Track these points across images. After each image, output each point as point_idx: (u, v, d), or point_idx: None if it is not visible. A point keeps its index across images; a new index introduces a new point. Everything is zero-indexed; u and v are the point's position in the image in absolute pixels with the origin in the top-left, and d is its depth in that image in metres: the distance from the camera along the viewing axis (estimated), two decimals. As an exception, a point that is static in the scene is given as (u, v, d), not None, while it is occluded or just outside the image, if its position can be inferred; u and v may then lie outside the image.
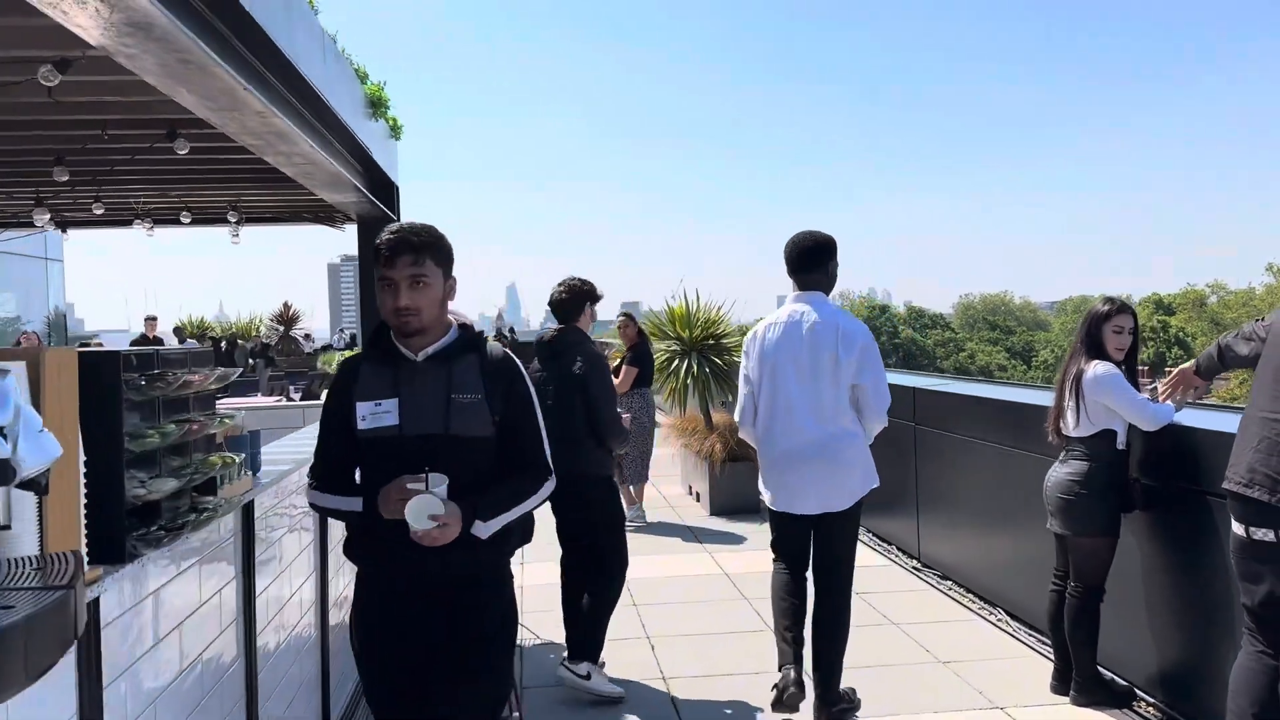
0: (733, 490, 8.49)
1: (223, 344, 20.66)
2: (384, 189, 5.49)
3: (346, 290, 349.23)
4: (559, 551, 4.64)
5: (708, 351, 9.01)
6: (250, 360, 22.02)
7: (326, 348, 28.76)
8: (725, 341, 9.12)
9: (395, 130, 5.72)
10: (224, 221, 5.47)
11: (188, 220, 5.24)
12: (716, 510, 8.50)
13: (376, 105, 4.94)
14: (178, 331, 32.78)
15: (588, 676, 4.31)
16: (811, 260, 3.94)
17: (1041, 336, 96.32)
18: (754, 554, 7.02)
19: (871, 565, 6.70)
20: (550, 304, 4.60)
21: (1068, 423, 4.15)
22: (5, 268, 20.46)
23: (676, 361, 8.97)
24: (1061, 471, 4.14)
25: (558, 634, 4.78)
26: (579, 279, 4.63)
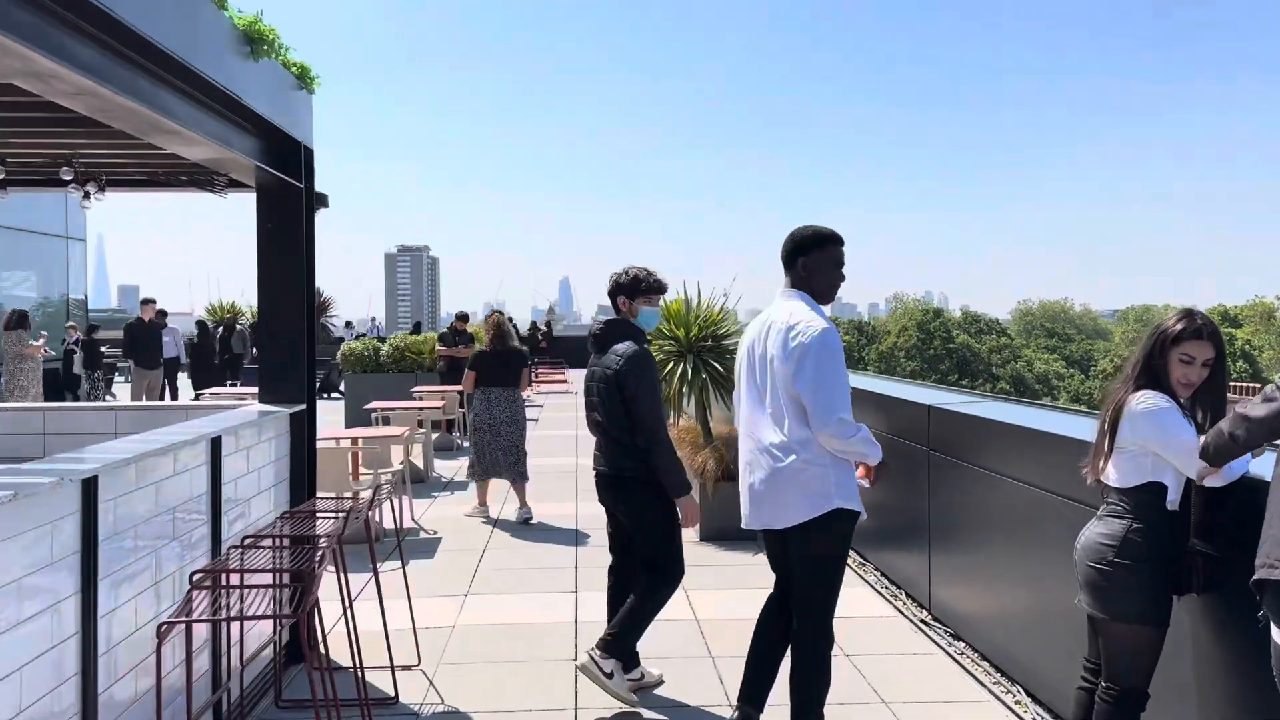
0: (725, 514, 7.44)
1: (219, 329, 20.16)
2: (283, 151, 4.52)
3: (403, 280, 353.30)
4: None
5: (706, 353, 8.00)
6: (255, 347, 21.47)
7: (359, 336, 28.10)
8: (727, 342, 8.09)
9: (305, 80, 4.78)
10: (57, 182, 4.58)
11: (1, 175, 4.33)
12: (706, 535, 7.48)
13: (255, 41, 3.99)
14: (200, 317, 32.49)
15: (610, 675, 4.23)
16: (786, 257, 3.79)
17: (1101, 345, 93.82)
18: (735, 595, 5.99)
19: (873, 615, 5.65)
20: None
21: (1108, 470, 3.09)
22: (21, 246, 20.09)
23: (671, 364, 7.97)
24: (1095, 532, 3.10)
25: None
26: (626, 269, 4.53)
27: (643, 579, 4.37)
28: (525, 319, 43.28)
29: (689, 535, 7.64)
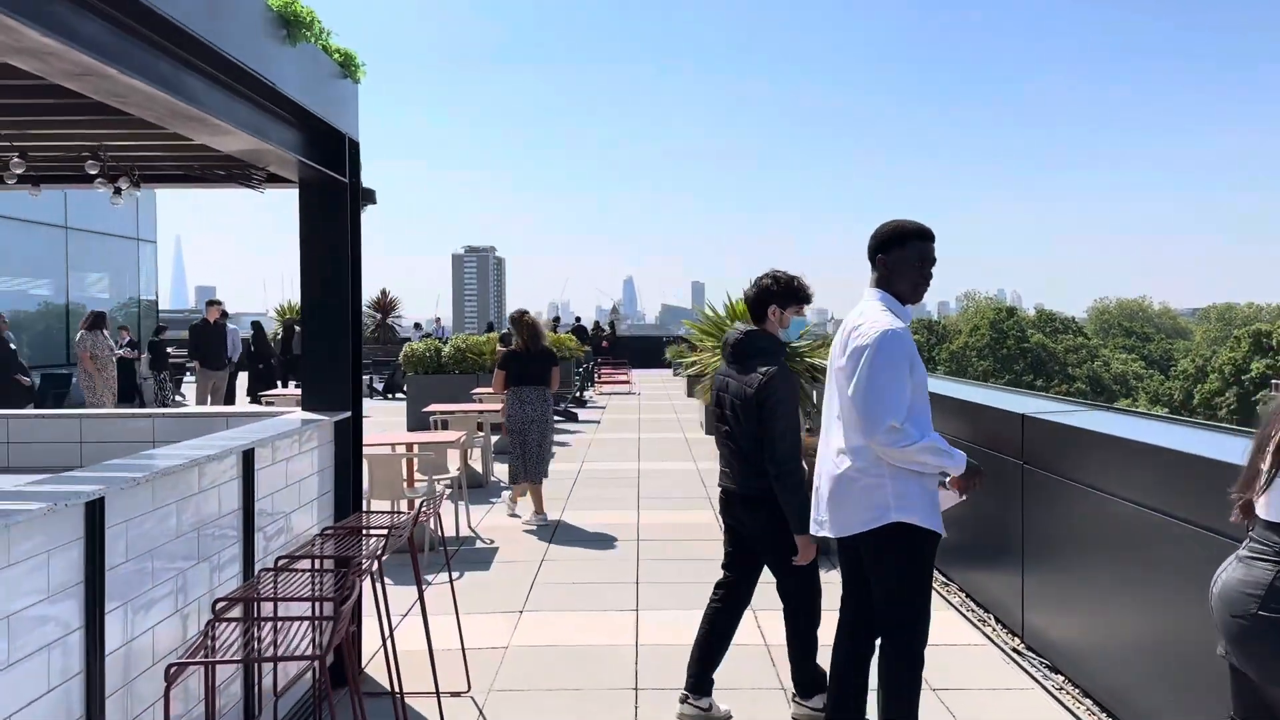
0: (797, 525, 7.05)
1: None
2: (326, 144, 4.24)
3: (470, 280, 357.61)
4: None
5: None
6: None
7: (425, 336, 28.16)
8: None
9: (349, 68, 4.50)
10: (82, 178, 4.34)
11: (20, 170, 4.10)
12: (776, 549, 7.06)
13: (291, 24, 3.71)
14: (276, 316, 32.84)
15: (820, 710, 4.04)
16: (869, 254, 3.61)
17: (1181, 345, 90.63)
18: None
19: (960, 643, 5.18)
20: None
21: (1261, 502, 2.61)
22: (94, 248, 20.46)
23: (737, 367, 7.56)
24: (1237, 576, 2.61)
25: None
26: (774, 274, 4.23)
27: (785, 608, 4.27)
28: (590, 318, 43.16)
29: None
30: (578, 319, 32.69)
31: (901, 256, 3.50)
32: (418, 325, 35.69)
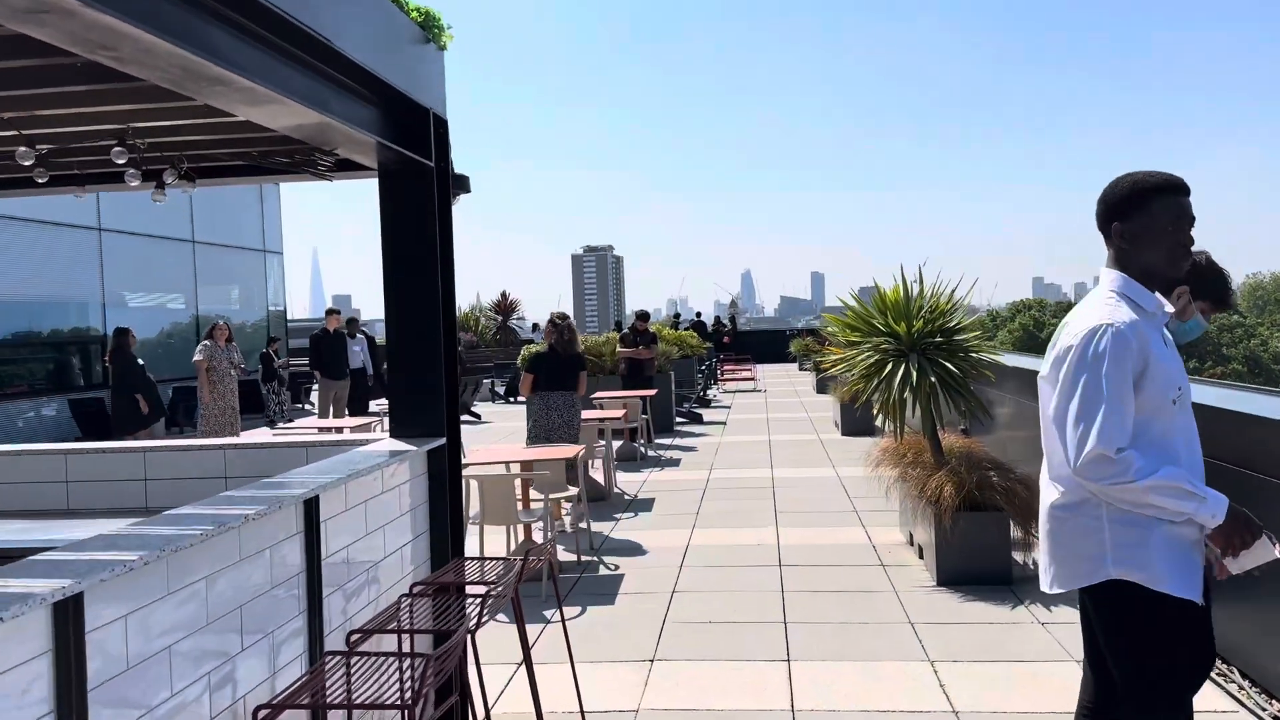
0: (969, 550, 6.01)
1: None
2: (405, 120, 3.51)
3: (589, 280, 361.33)
4: None
5: (934, 352, 6.54)
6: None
7: (528, 342, 27.84)
8: (961, 339, 6.60)
9: (431, 30, 3.77)
10: (111, 175, 3.70)
11: (29, 162, 3.48)
12: (945, 577, 6.03)
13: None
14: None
15: None
16: (1100, 226, 2.73)
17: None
18: (997, 673, 4.55)
19: (1208, 710, 4.09)
20: None
21: None
22: (223, 261, 20.79)
23: (891, 366, 6.56)
24: None
25: None
26: (1203, 253, 3.51)
27: None
28: (709, 314, 42.31)
29: (924, 571, 6.25)
30: (697, 314, 31.88)
31: (1145, 222, 2.62)
32: (536, 326, 35.52)
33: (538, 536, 6.64)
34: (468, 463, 6.71)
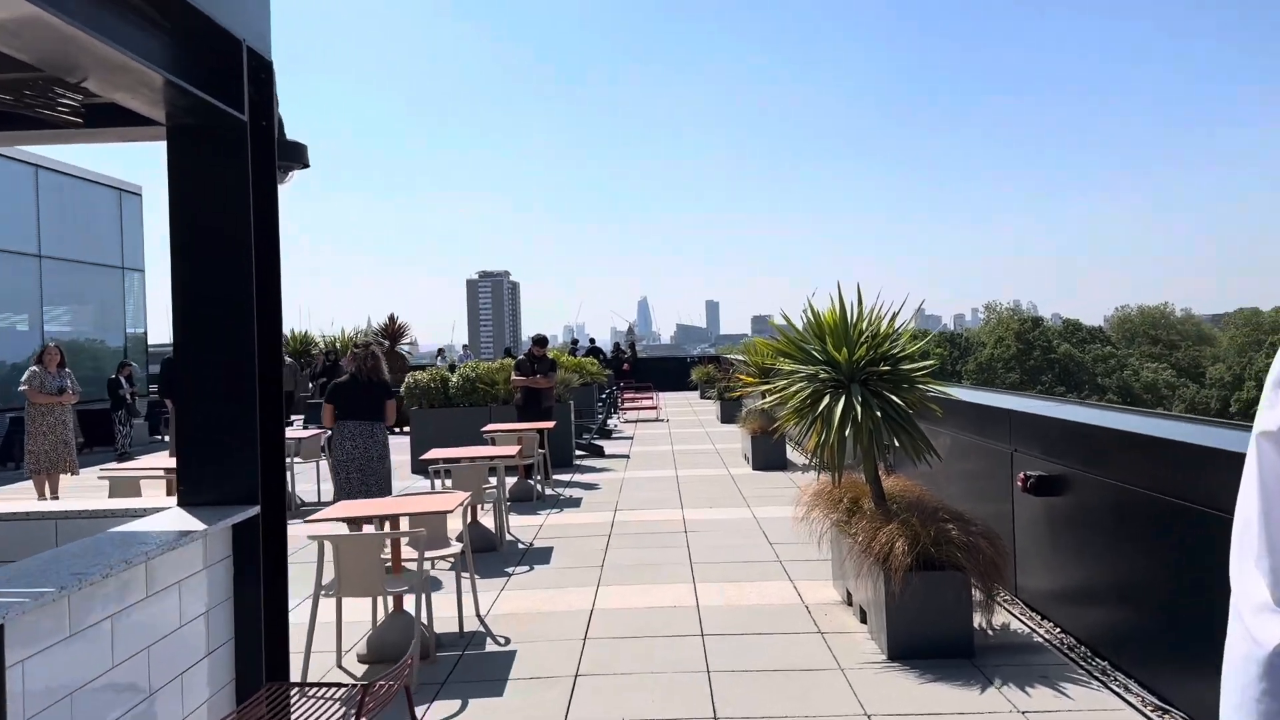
0: (924, 616, 5.11)
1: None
2: (216, 58, 2.33)
3: (485, 305, 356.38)
4: None
5: (877, 382, 5.67)
6: (312, 382, 19.76)
7: (451, 366, 26.37)
8: (905, 367, 5.75)
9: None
10: None
11: None
12: (898, 650, 5.11)
13: None
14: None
15: None
16: None
17: (1209, 352, 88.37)
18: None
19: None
20: None
21: None
22: (74, 278, 18.78)
23: (829, 399, 5.65)
24: None
25: None
26: None
27: None
28: (607, 341, 41.36)
29: (868, 641, 5.29)
30: (592, 340, 30.79)
31: None
32: (441, 352, 33.84)
33: (412, 605, 5.46)
34: (319, 518, 5.49)
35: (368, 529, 5.77)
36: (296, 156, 3.25)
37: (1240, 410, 65.80)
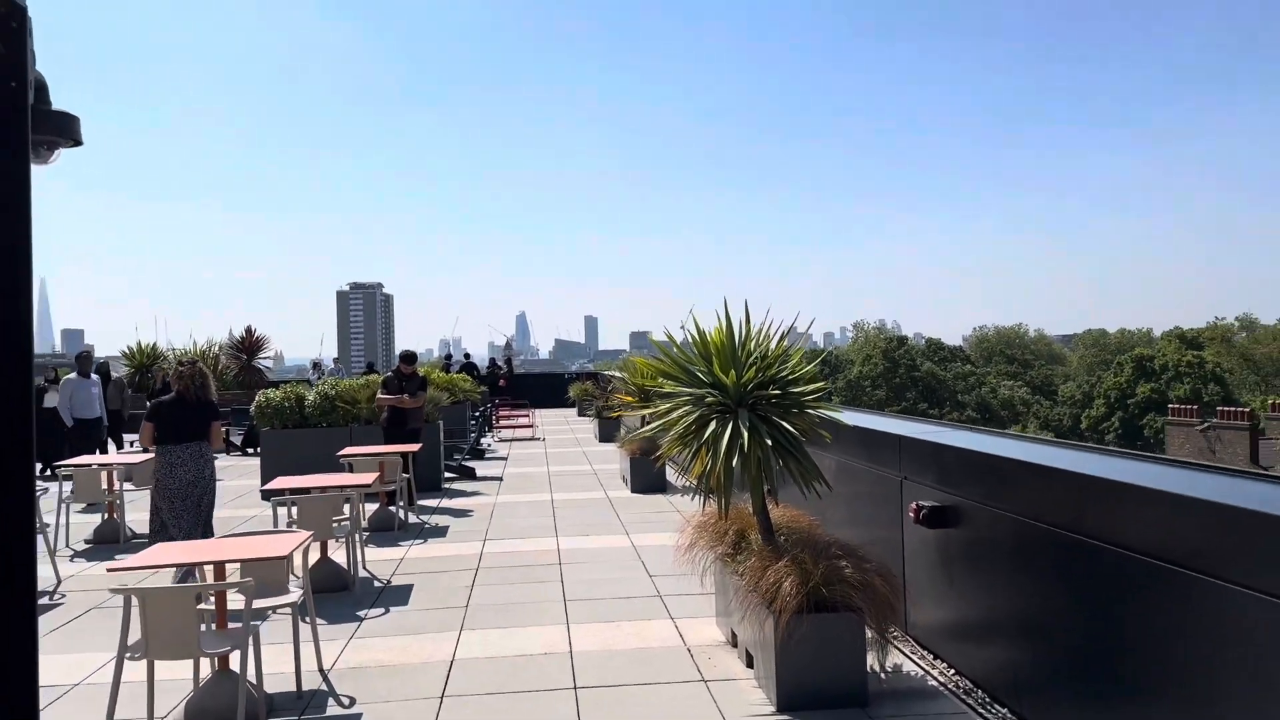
0: (816, 662, 4.70)
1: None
2: None
3: (356, 318, 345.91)
4: None
5: (766, 406, 5.26)
6: (149, 400, 18.29)
7: (322, 379, 25.03)
8: (796, 390, 5.35)
9: None
10: None
11: None
12: (787, 700, 4.67)
13: None
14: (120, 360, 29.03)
15: None
16: None
17: (1060, 371, 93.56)
18: None
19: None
20: None
21: None
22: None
23: (715, 426, 5.20)
24: None
25: None
26: None
27: None
28: (482, 355, 40.37)
29: (755, 690, 4.81)
30: (467, 355, 29.81)
31: None
32: (316, 365, 32.16)
33: (238, 665, 4.71)
34: (127, 566, 4.70)
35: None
36: (64, 130, 2.57)
37: (1090, 427, 69.58)
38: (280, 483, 7.83)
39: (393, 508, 9.98)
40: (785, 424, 5.21)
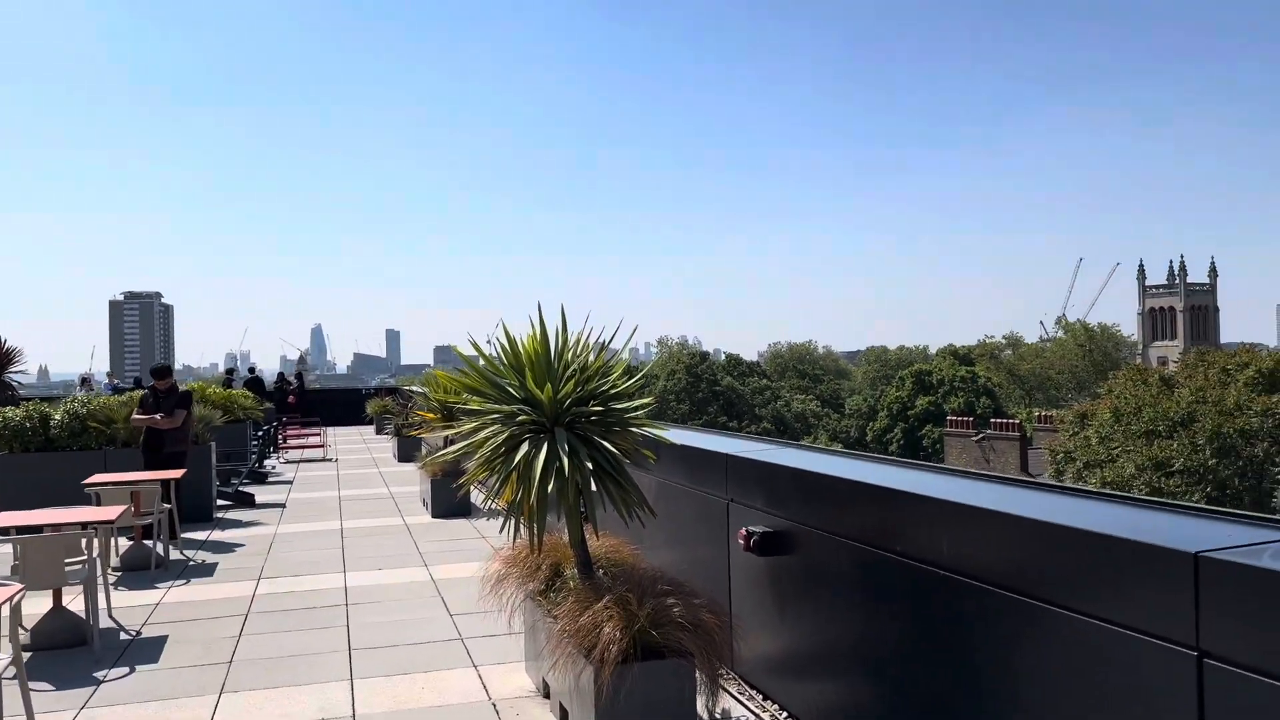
0: (642, 715, 4.12)
1: None
2: None
3: (130, 330, 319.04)
4: None
5: (586, 424, 4.65)
6: None
7: (97, 395, 22.19)
8: (619, 406, 4.77)
9: None
10: None
11: None
12: (613, 765, 4.07)
13: None
14: None
15: None
16: None
17: (846, 385, 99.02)
18: None
19: None
20: None
21: None
22: None
23: (528, 448, 4.53)
24: None
25: None
26: None
27: None
28: (274, 369, 37.77)
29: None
30: (253, 369, 27.60)
31: None
32: (85, 380, 28.76)
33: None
34: None
35: None
36: None
37: (875, 438, 73.70)
38: (7, 519, 6.50)
39: (150, 543, 8.65)
40: (607, 444, 4.62)
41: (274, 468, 17.19)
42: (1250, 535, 2.75)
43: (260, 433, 18.12)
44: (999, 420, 51.61)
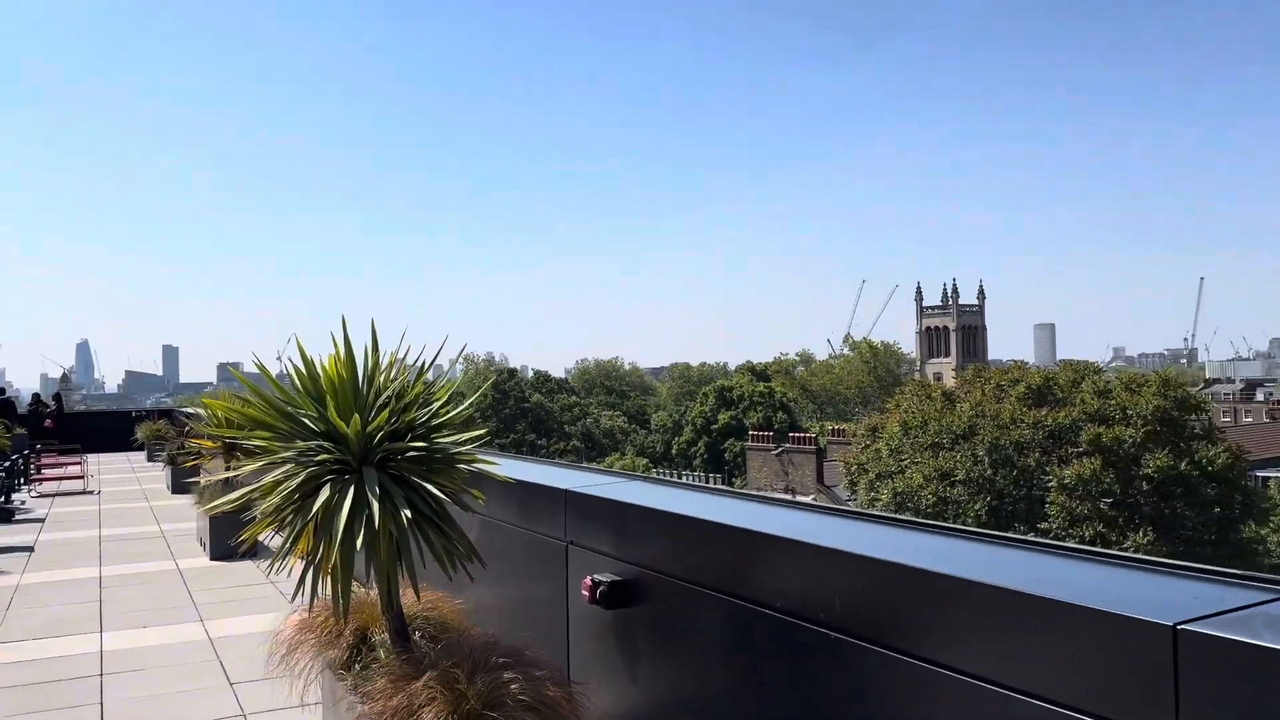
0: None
1: None
2: None
3: None
4: None
5: (402, 463, 3.89)
6: None
7: None
8: (444, 440, 4.04)
9: None
10: None
11: None
12: None
13: None
14: None
15: None
16: None
17: (651, 401, 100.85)
18: None
19: None
20: None
21: None
22: None
23: (329, 493, 3.72)
24: None
25: None
26: None
27: None
28: (31, 389, 33.68)
29: None
30: (1, 391, 24.42)
31: None
32: None
33: None
34: None
35: None
36: None
37: (680, 452, 75.02)
38: None
39: None
40: (429, 485, 3.88)
41: (23, 503, 14.99)
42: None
43: (6, 463, 15.81)
44: (796, 434, 53.75)
